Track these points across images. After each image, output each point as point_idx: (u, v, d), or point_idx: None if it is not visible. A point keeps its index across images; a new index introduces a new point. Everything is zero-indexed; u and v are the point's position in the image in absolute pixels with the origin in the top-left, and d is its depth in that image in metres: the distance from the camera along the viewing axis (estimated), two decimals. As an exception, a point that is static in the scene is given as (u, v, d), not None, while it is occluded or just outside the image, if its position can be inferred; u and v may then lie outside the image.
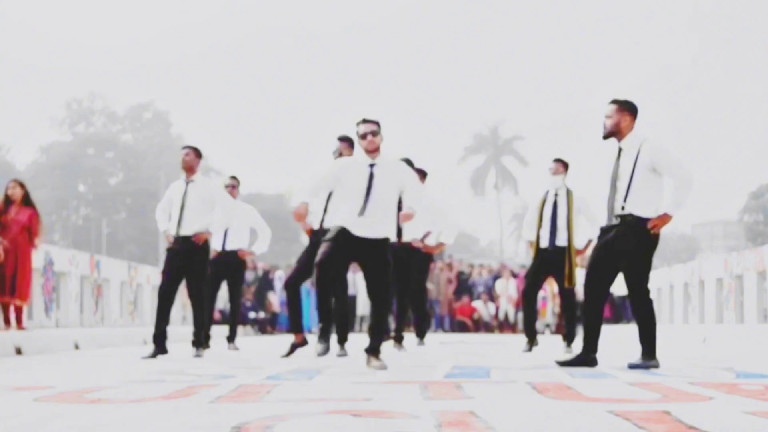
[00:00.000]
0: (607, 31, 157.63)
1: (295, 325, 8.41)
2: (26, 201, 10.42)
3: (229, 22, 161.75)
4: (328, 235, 6.63)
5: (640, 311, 6.49)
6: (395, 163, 6.70)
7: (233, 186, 10.24)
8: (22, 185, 10.52)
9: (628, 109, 6.56)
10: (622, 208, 6.42)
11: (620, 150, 6.54)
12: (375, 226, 6.47)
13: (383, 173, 6.50)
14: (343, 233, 6.50)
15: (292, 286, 8.31)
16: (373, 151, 6.50)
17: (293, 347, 8.29)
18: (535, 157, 67.15)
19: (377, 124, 6.55)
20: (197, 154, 8.63)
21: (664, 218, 6.37)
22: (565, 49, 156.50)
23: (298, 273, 8.30)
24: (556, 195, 9.12)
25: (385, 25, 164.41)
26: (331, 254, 6.52)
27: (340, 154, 8.02)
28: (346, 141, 8.19)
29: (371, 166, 6.51)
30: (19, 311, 10.44)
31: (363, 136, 6.50)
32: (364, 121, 6.56)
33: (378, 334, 6.54)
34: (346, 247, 6.50)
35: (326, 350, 8.14)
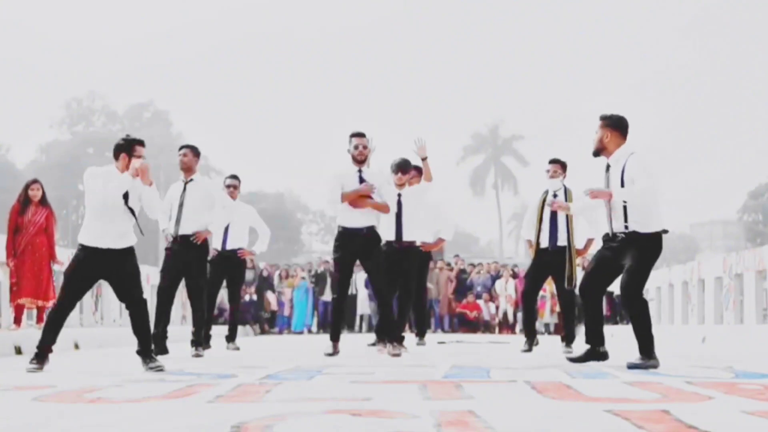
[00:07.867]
0: (607, 30, 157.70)
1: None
2: (43, 201, 10.35)
3: (229, 23, 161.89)
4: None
5: (636, 313, 6.46)
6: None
7: (233, 186, 10.22)
8: (41, 186, 10.43)
9: (612, 124, 6.46)
10: (626, 227, 6.38)
11: (608, 166, 6.49)
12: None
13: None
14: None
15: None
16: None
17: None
18: (534, 157, 67.01)
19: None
20: (195, 153, 8.60)
21: (604, 193, 6.38)
22: (565, 50, 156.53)
23: None
24: (555, 195, 9.08)
25: (384, 26, 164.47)
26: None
27: (364, 147, 8.17)
28: (363, 136, 8.23)
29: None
30: (41, 310, 10.43)
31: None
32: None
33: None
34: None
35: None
